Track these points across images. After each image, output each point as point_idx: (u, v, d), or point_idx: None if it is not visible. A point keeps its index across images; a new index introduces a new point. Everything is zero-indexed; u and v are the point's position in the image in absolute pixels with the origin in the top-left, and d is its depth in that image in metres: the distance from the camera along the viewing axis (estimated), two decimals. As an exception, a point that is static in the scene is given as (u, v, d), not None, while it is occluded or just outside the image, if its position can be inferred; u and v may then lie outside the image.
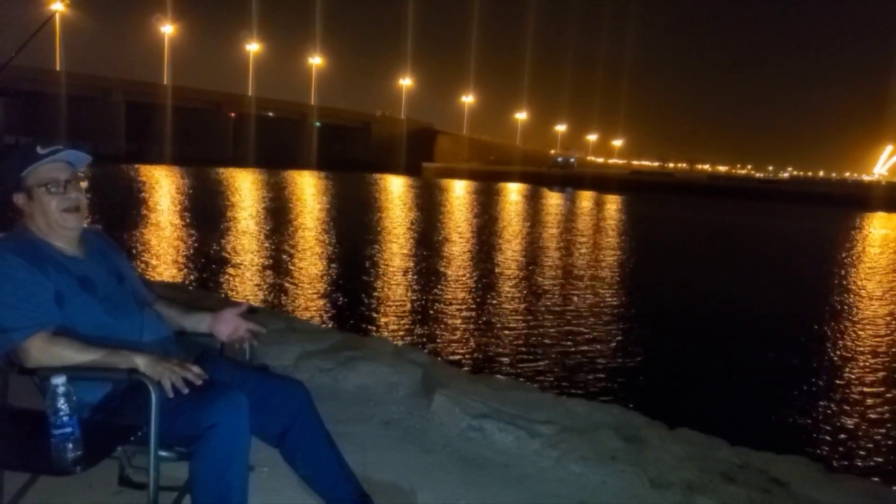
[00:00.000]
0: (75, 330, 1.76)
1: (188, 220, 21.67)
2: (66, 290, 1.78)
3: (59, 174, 1.87)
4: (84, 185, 1.94)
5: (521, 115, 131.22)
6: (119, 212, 21.71)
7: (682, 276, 16.33)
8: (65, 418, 1.55)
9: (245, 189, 39.23)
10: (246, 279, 12.89)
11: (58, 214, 1.85)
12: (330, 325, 9.13)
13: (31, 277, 1.75)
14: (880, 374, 8.65)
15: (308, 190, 42.39)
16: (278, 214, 24.84)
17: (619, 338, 9.82)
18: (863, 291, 15.29)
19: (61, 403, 1.54)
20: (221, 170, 57.30)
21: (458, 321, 10.34)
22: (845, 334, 10.87)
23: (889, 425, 6.91)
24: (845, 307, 13.16)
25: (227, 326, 2.09)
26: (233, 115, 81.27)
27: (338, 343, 4.08)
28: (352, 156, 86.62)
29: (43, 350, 1.68)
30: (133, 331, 1.87)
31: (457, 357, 8.42)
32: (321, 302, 11.41)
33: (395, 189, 48.56)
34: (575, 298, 12.40)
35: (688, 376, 8.15)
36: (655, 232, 28.53)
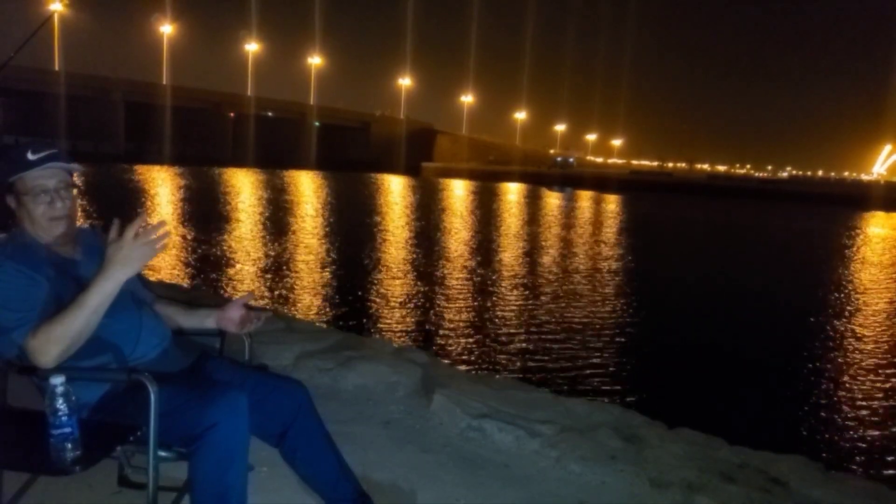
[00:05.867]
0: None
1: (187, 221, 21.66)
2: (64, 291, 1.77)
3: (48, 181, 1.83)
4: (75, 191, 1.91)
5: (521, 115, 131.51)
6: (118, 213, 21.69)
7: (681, 275, 16.33)
8: (64, 418, 1.55)
9: (244, 189, 39.21)
10: (245, 279, 12.89)
11: (45, 223, 1.82)
12: (330, 326, 9.12)
13: (30, 282, 1.74)
14: (880, 374, 8.65)
15: (307, 190, 42.38)
16: (277, 214, 24.83)
17: (618, 337, 9.82)
18: (861, 291, 15.30)
19: (60, 403, 1.54)
20: (220, 170, 57.27)
21: (458, 321, 10.33)
22: (845, 333, 10.87)
23: (889, 425, 6.91)
24: (844, 306, 13.17)
25: (235, 317, 2.07)
26: (232, 114, 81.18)
27: (337, 343, 4.08)
28: (351, 156, 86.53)
29: (42, 340, 1.64)
30: (131, 331, 1.87)
31: (457, 357, 8.42)
32: (321, 302, 11.40)
33: (395, 189, 48.53)
34: (574, 298, 12.39)
35: (687, 376, 8.15)
36: (655, 231, 28.55)
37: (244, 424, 1.71)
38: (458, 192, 48.34)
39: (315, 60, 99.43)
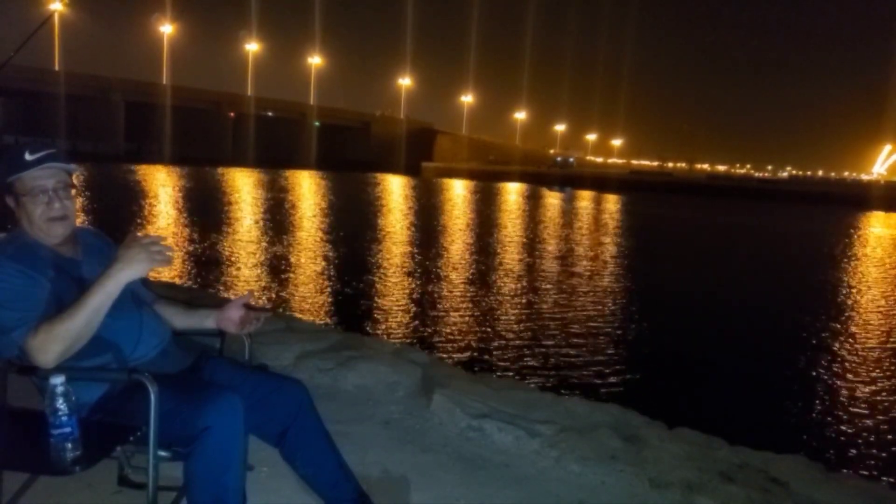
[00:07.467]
0: None
1: (187, 220, 21.65)
2: (65, 291, 1.77)
3: (47, 181, 1.81)
4: (74, 191, 1.90)
5: (521, 115, 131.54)
6: (117, 213, 21.74)
7: (681, 276, 16.33)
8: (63, 418, 1.55)
9: (244, 189, 39.20)
10: (245, 279, 12.89)
11: (43, 223, 1.81)
12: (330, 326, 9.12)
13: (30, 282, 1.74)
14: (880, 373, 8.65)
15: (307, 190, 42.38)
16: (277, 214, 24.82)
17: (618, 337, 9.81)
18: (861, 290, 15.30)
19: (60, 403, 1.54)
20: (221, 169, 57.26)
21: (458, 321, 10.33)
22: (844, 333, 10.86)
23: (889, 425, 6.91)
24: (844, 306, 13.17)
25: (235, 317, 2.07)
26: (232, 114, 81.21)
27: (337, 343, 4.08)
28: (351, 155, 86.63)
29: (43, 339, 1.64)
30: (131, 330, 1.87)
31: (457, 357, 8.42)
32: (321, 302, 11.40)
33: (395, 189, 48.54)
34: (574, 297, 12.39)
35: (687, 375, 8.15)
36: (655, 231, 28.54)
37: (239, 427, 1.70)
38: (459, 192, 48.33)
39: (315, 60, 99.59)
